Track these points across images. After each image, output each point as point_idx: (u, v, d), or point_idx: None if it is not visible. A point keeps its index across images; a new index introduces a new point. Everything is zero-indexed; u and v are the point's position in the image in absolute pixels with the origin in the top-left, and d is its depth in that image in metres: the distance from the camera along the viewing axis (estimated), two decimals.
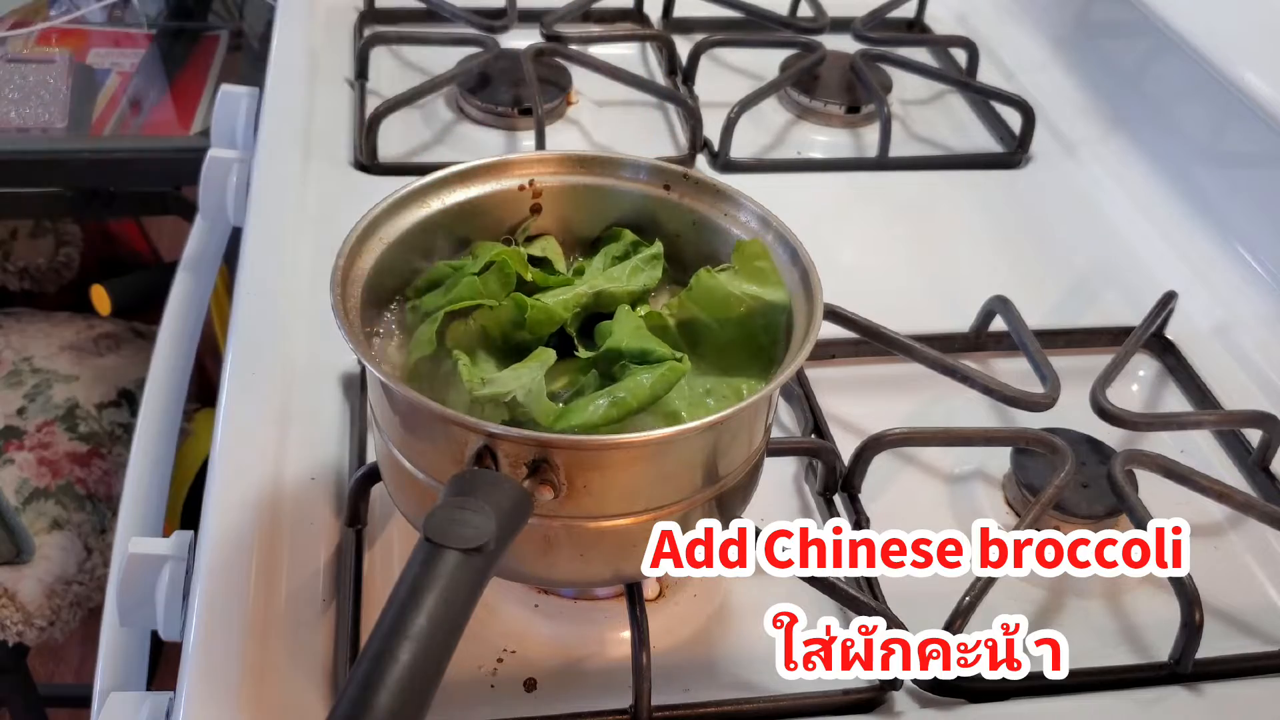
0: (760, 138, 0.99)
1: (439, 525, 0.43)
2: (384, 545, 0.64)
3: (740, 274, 0.57)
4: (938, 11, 1.17)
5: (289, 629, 0.58)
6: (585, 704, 0.57)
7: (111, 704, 0.60)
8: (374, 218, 0.57)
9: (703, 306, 0.57)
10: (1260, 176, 0.87)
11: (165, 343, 0.99)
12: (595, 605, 0.61)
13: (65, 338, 1.36)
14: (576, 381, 0.55)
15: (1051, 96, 1.04)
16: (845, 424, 0.73)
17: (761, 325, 0.56)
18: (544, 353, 0.54)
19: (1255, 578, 0.67)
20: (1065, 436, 0.69)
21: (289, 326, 0.75)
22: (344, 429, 0.69)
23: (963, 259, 0.88)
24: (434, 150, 0.95)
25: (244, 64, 1.42)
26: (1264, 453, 0.72)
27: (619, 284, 0.58)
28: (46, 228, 1.59)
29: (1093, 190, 0.95)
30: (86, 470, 1.22)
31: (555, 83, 0.99)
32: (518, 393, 0.51)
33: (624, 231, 0.62)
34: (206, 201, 1.00)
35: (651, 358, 0.53)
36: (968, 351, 0.78)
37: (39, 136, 1.28)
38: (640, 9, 1.13)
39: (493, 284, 0.56)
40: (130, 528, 0.85)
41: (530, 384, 0.51)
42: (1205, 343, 0.81)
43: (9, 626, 1.13)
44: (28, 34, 1.41)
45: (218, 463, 0.66)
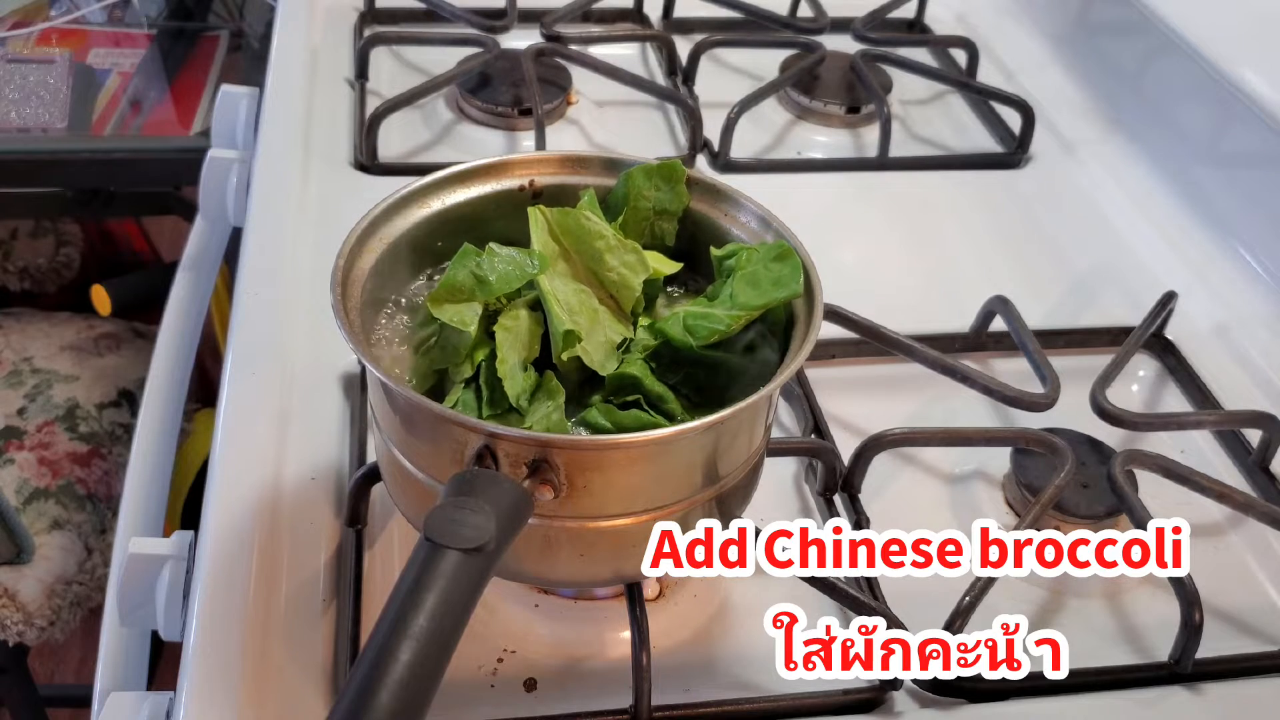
0: (760, 138, 0.99)
1: (439, 525, 0.43)
2: (384, 545, 0.64)
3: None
4: (938, 11, 1.17)
5: (289, 629, 0.58)
6: (585, 704, 0.57)
7: (111, 704, 0.60)
8: (374, 218, 0.57)
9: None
10: (1260, 176, 0.87)
11: (165, 343, 0.99)
12: (595, 605, 0.61)
13: (65, 338, 1.36)
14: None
15: (1051, 96, 1.04)
16: (845, 424, 0.73)
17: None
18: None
19: (1255, 578, 0.67)
20: (1065, 436, 0.69)
21: (289, 326, 0.75)
22: (344, 429, 0.69)
23: (963, 259, 0.88)
24: (434, 150, 0.95)
25: (244, 64, 1.43)
26: (1264, 453, 0.72)
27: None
28: (46, 228, 1.59)
29: (1093, 190, 0.95)
30: (87, 470, 1.22)
31: (555, 83, 0.99)
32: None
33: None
34: (206, 201, 1.00)
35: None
36: (968, 351, 0.78)
37: (39, 136, 1.28)
38: (640, 9, 1.13)
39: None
40: (130, 528, 0.85)
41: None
42: (1205, 343, 0.81)
43: (9, 626, 1.13)
44: (28, 34, 1.41)
45: (218, 463, 0.66)
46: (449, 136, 0.97)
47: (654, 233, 0.61)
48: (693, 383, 0.56)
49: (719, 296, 0.56)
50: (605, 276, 0.57)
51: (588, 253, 0.57)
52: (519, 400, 0.52)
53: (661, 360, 0.56)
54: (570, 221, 0.57)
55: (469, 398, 0.53)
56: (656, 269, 0.58)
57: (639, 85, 0.98)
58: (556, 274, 0.56)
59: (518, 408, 0.52)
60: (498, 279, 0.54)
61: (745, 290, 0.55)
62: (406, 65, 1.05)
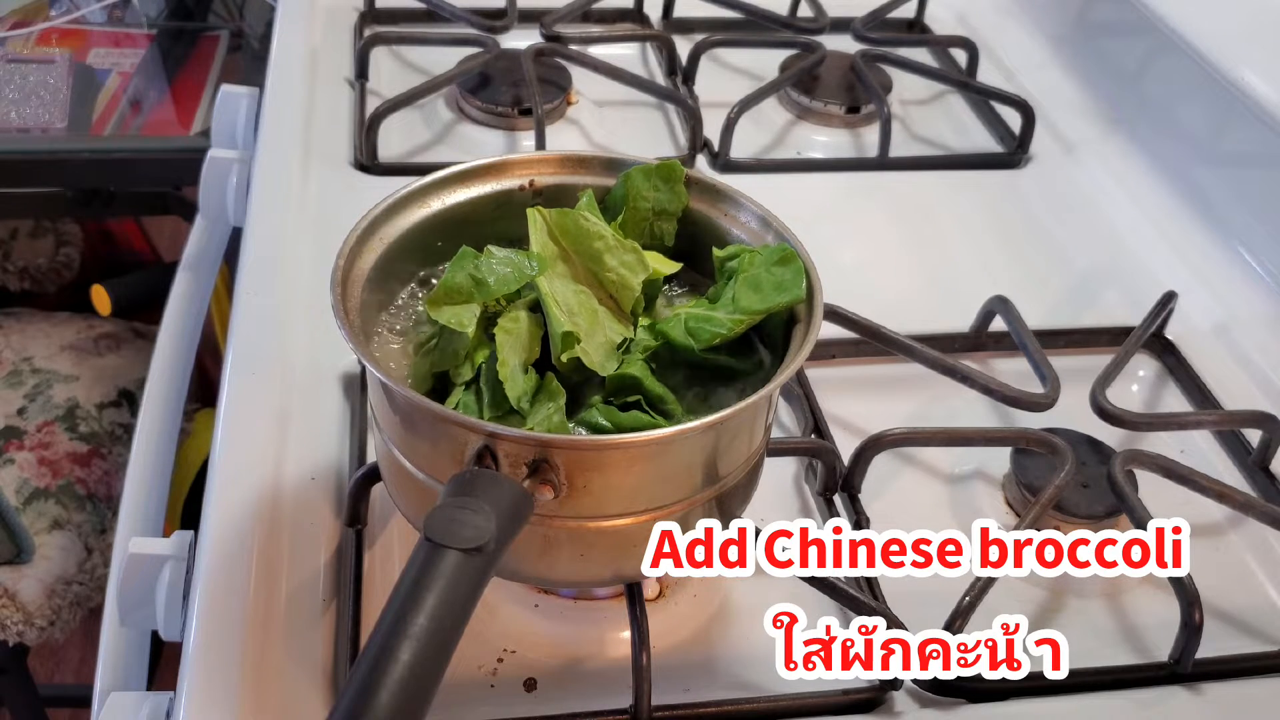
0: (760, 138, 0.99)
1: (439, 525, 0.43)
2: (384, 545, 0.64)
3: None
4: (938, 11, 1.17)
5: (289, 629, 0.58)
6: (585, 704, 0.57)
7: (111, 704, 0.60)
8: (374, 218, 0.57)
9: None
10: (1260, 176, 0.87)
11: (165, 343, 0.99)
12: (595, 605, 0.61)
13: (65, 338, 1.36)
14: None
15: (1051, 96, 1.04)
16: (845, 424, 0.73)
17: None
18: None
19: (1255, 578, 0.67)
20: (1065, 436, 0.69)
21: (289, 326, 0.75)
22: (344, 429, 0.69)
23: (963, 259, 0.88)
24: (434, 150, 0.95)
25: (244, 64, 1.43)
26: (1264, 453, 0.72)
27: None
28: (46, 228, 1.59)
29: (1093, 190, 0.95)
30: (87, 470, 1.22)
31: (555, 83, 0.99)
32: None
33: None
34: (206, 201, 1.00)
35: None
36: (968, 351, 0.78)
37: (39, 136, 1.28)
38: (640, 9, 1.13)
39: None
40: (130, 528, 0.85)
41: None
42: (1205, 343, 0.81)
43: (9, 626, 1.13)
44: (28, 34, 1.41)
45: (218, 463, 0.66)
46: (449, 136, 0.97)
47: (653, 233, 0.61)
48: (692, 384, 0.56)
49: (720, 298, 0.56)
50: (605, 277, 0.57)
51: (587, 253, 0.57)
52: (520, 402, 0.52)
53: (661, 361, 0.56)
54: (569, 222, 0.57)
55: (469, 400, 0.53)
56: (656, 269, 0.58)
57: (639, 85, 0.98)
58: (556, 275, 0.56)
59: (519, 410, 0.52)
60: (496, 281, 0.54)
61: (747, 294, 0.55)
62: (406, 65, 1.05)
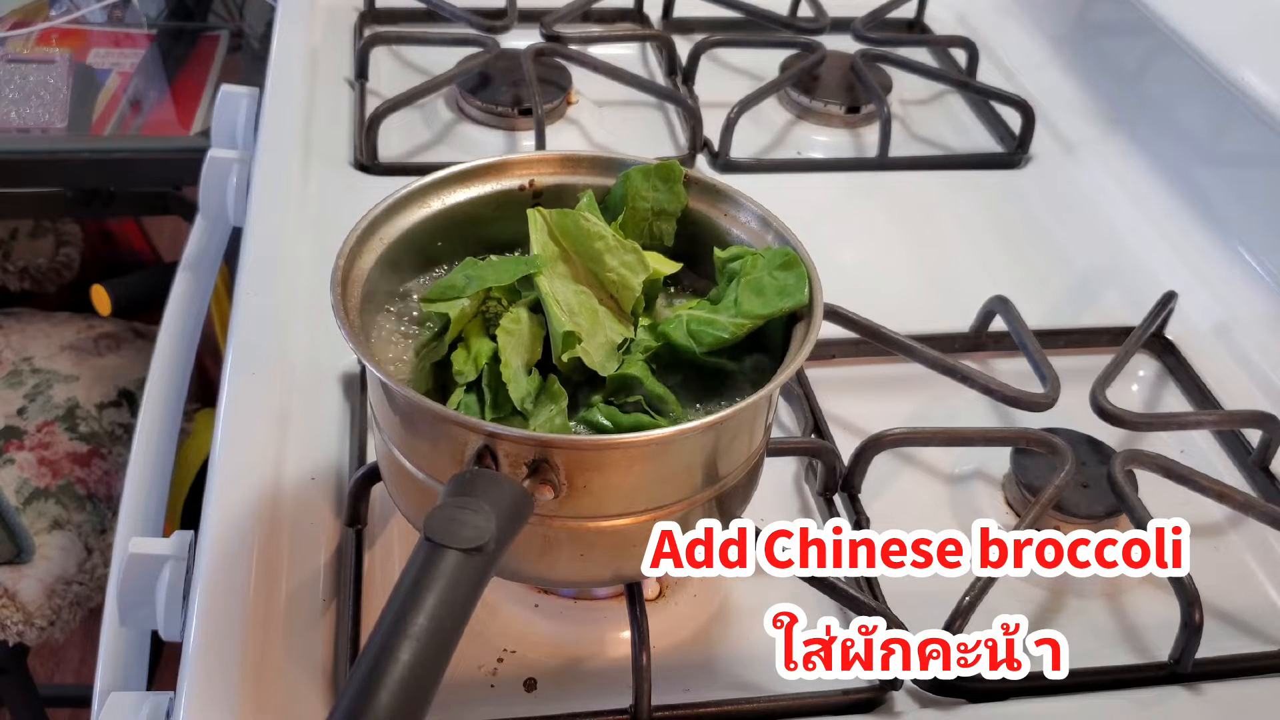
0: (760, 138, 0.99)
1: (439, 525, 0.43)
2: (384, 545, 0.64)
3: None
4: (938, 11, 1.17)
5: (289, 629, 0.58)
6: (585, 704, 0.57)
7: (111, 704, 0.60)
8: (374, 218, 0.57)
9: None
10: (1260, 176, 0.87)
11: (165, 343, 0.99)
12: (595, 605, 0.61)
13: (65, 338, 1.36)
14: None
15: (1051, 96, 1.04)
16: (845, 424, 0.73)
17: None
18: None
19: (1255, 578, 0.67)
20: (1065, 436, 0.69)
21: (289, 326, 0.75)
22: (344, 429, 0.69)
23: (963, 259, 0.88)
24: (434, 150, 0.95)
25: (244, 64, 1.43)
26: (1264, 453, 0.72)
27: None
28: (46, 228, 1.59)
29: (1093, 190, 0.95)
30: (87, 470, 1.22)
31: (555, 83, 0.99)
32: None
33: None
34: (206, 201, 1.00)
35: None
36: (968, 351, 0.78)
37: (39, 136, 1.28)
38: (640, 9, 1.13)
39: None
40: (130, 528, 0.85)
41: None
42: (1205, 343, 0.81)
43: (9, 626, 1.13)
44: (28, 34, 1.41)
45: (218, 463, 0.66)
46: (449, 136, 0.97)
47: (653, 233, 0.61)
48: (692, 384, 0.56)
49: (722, 300, 0.56)
50: (605, 277, 0.57)
51: (587, 253, 0.57)
52: (524, 404, 0.52)
53: (661, 361, 0.56)
54: (569, 222, 0.57)
55: (471, 401, 0.53)
56: (656, 269, 0.58)
57: (639, 85, 0.98)
58: (556, 275, 0.56)
59: (522, 411, 0.52)
60: (492, 272, 0.55)
61: (750, 298, 0.55)
62: (406, 65, 1.05)
